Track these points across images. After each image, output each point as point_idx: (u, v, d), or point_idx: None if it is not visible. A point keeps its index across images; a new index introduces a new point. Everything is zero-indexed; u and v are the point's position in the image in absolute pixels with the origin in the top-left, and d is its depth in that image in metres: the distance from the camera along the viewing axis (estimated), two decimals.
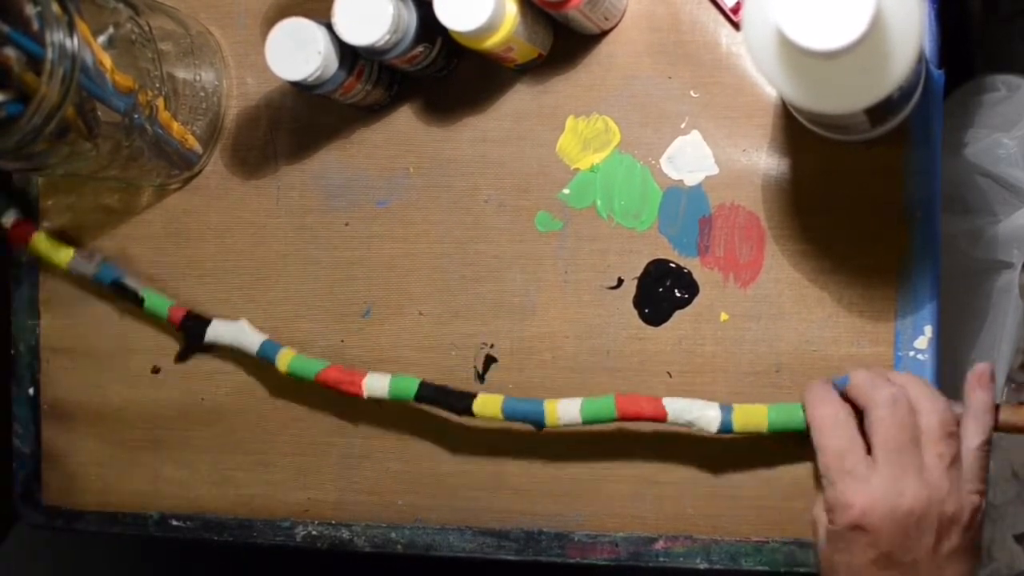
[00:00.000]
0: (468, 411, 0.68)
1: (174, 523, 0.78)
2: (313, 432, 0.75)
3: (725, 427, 0.64)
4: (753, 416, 0.64)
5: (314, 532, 0.75)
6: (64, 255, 0.76)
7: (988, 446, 0.57)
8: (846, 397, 0.60)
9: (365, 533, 0.74)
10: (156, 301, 0.75)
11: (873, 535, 0.55)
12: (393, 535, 0.74)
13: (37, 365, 0.80)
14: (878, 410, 0.56)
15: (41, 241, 0.76)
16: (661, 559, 0.70)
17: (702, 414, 0.64)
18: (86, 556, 0.99)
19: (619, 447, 0.70)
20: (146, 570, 1.02)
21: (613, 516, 0.70)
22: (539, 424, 0.67)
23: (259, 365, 0.75)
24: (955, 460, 0.56)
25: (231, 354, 0.76)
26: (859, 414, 0.60)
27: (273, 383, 0.76)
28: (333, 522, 0.75)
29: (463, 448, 0.72)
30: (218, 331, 0.74)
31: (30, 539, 0.98)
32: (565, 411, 0.66)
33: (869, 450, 0.57)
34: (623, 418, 0.66)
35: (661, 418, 0.65)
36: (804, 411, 0.62)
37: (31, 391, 0.80)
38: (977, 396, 0.58)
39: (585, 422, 0.66)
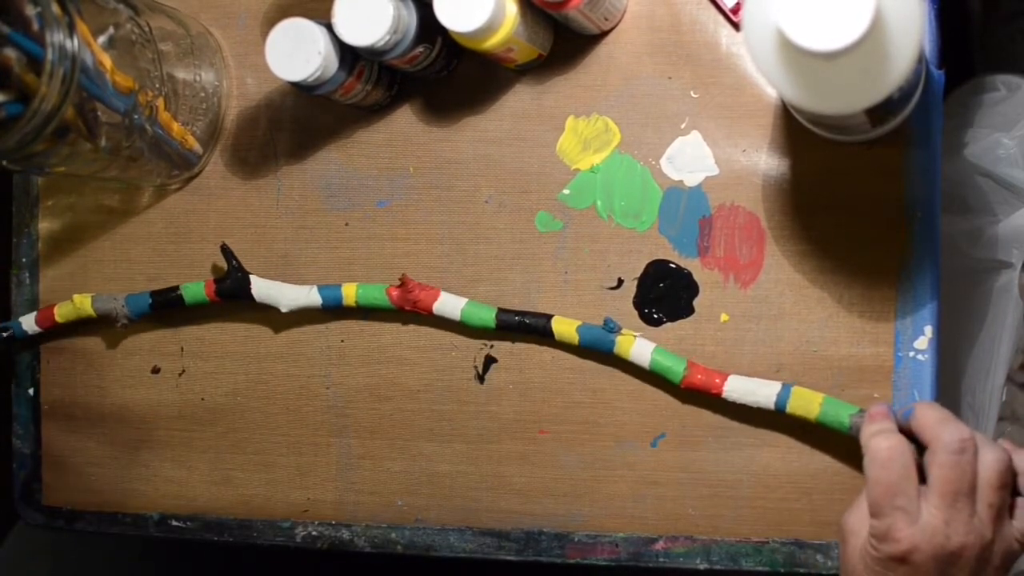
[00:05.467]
0: (548, 332, 0.69)
1: (174, 523, 0.78)
2: (313, 432, 0.75)
3: (780, 406, 0.65)
4: (807, 402, 0.64)
5: (314, 532, 0.75)
6: (84, 301, 0.76)
7: None
8: (904, 428, 0.60)
9: (365, 533, 0.74)
10: (191, 290, 0.74)
11: (914, 569, 0.56)
12: (393, 535, 0.74)
13: (37, 365, 0.80)
14: (946, 453, 0.56)
15: (63, 307, 0.76)
16: (661, 559, 0.70)
17: (760, 393, 0.65)
18: (86, 556, 0.99)
19: (619, 447, 0.70)
20: (146, 570, 1.02)
21: (613, 516, 0.70)
22: (609, 350, 0.68)
23: (259, 365, 0.75)
24: (1003, 509, 0.57)
25: (231, 354, 0.76)
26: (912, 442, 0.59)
27: (273, 383, 0.76)
28: (333, 522, 0.75)
29: (463, 448, 0.73)
30: (260, 289, 0.73)
31: (30, 539, 0.98)
32: (638, 351, 0.68)
33: (921, 479, 0.57)
34: (688, 386, 0.67)
35: (718, 393, 0.66)
36: (859, 429, 0.61)
37: (31, 391, 0.80)
38: None
39: (651, 370, 0.67)
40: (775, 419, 0.67)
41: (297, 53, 0.65)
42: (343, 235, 0.74)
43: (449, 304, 0.70)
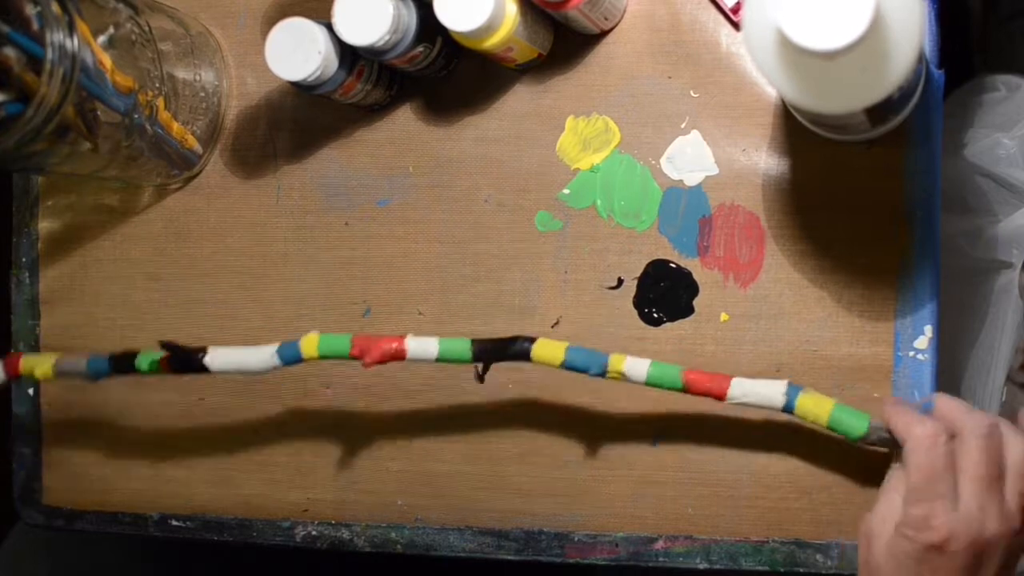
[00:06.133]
0: (527, 357, 0.64)
1: (174, 523, 0.78)
2: (313, 432, 0.75)
3: (788, 408, 0.62)
4: (817, 407, 0.61)
5: (314, 532, 0.75)
6: (47, 362, 0.70)
7: None
8: None
9: (365, 533, 0.74)
10: (146, 359, 0.68)
11: (949, 559, 0.55)
12: (393, 535, 0.74)
13: None
14: (975, 439, 0.56)
15: (26, 363, 0.70)
16: (661, 559, 0.70)
17: (766, 395, 0.62)
18: (86, 556, 0.99)
19: (618, 447, 0.70)
20: (146, 570, 1.02)
21: (613, 516, 0.70)
22: (601, 372, 0.64)
23: None
24: None
25: None
26: None
27: (273, 383, 0.75)
28: (333, 522, 0.75)
29: (463, 448, 0.72)
30: (216, 360, 0.67)
31: (30, 539, 0.98)
32: (632, 368, 0.63)
33: None
34: (688, 390, 0.63)
35: (721, 396, 0.62)
36: (889, 426, 0.59)
37: (31, 391, 0.80)
38: None
39: (648, 384, 0.63)
40: (775, 419, 0.67)
41: (297, 53, 0.65)
42: (343, 234, 0.74)
43: (420, 352, 0.65)
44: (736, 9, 0.67)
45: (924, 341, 0.65)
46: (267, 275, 0.75)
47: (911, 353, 0.65)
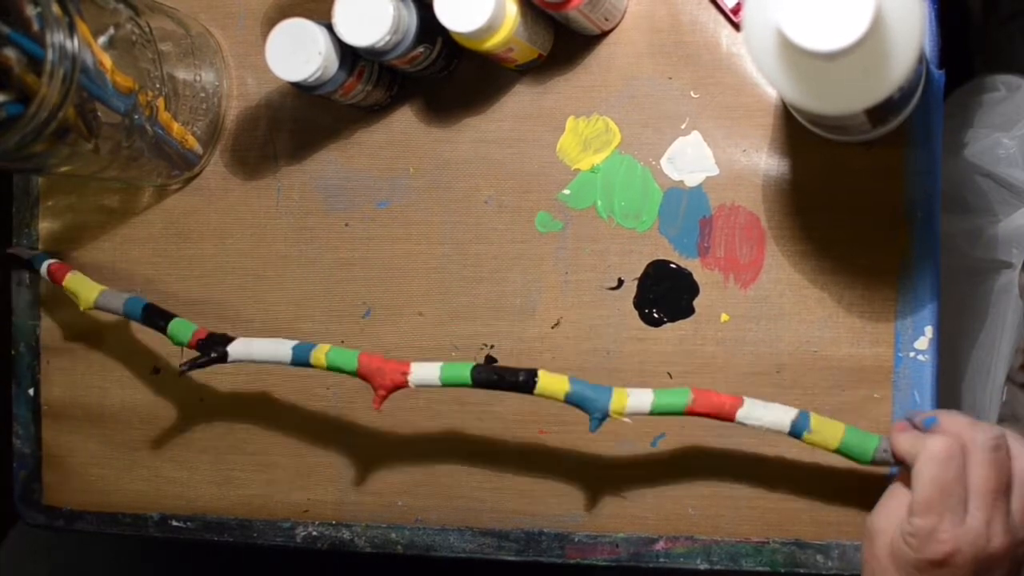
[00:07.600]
0: (529, 389, 0.63)
1: (174, 523, 0.78)
2: (313, 432, 0.75)
3: (796, 433, 0.61)
4: (825, 439, 0.60)
5: (314, 532, 0.75)
6: (92, 291, 0.72)
7: None
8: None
9: (365, 533, 0.74)
10: (179, 327, 0.69)
11: (952, 572, 0.55)
12: (393, 535, 0.74)
13: (37, 365, 0.80)
14: (983, 452, 0.56)
15: (73, 280, 0.73)
16: (661, 560, 0.70)
17: (776, 419, 0.61)
18: (86, 556, 0.99)
19: (619, 447, 0.70)
20: (146, 570, 1.02)
21: (613, 516, 0.70)
22: (603, 413, 0.62)
23: (258, 365, 0.75)
24: None
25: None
26: None
27: (273, 383, 0.75)
28: (333, 522, 0.75)
29: (463, 448, 0.72)
30: (238, 350, 0.68)
31: (30, 539, 0.98)
32: (635, 403, 0.62)
33: None
34: (692, 413, 0.62)
35: (730, 419, 0.61)
36: (897, 452, 0.59)
37: (31, 391, 0.80)
38: None
39: (653, 413, 0.62)
40: None
41: (297, 53, 0.65)
42: (343, 236, 0.74)
43: (424, 377, 0.65)
44: (736, 10, 0.67)
45: (924, 341, 0.65)
46: (267, 276, 0.75)
47: (911, 354, 0.65)
